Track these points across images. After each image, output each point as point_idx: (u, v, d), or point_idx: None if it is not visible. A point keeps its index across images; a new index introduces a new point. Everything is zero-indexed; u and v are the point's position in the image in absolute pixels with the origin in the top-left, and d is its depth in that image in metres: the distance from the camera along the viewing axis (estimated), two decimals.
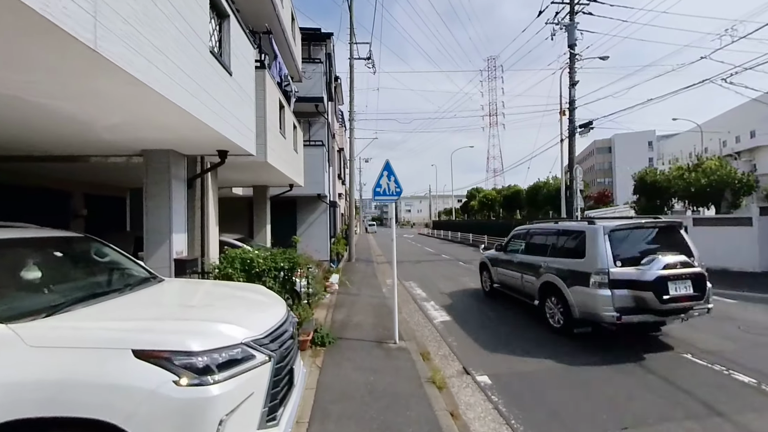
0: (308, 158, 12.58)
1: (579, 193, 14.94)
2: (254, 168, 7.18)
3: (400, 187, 6.08)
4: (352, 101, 17.89)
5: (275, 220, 13.44)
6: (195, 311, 2.67)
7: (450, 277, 12.96)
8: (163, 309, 2.67)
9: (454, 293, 10.05)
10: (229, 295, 3.36)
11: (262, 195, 10.22)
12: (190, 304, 2.88)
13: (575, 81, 16.80)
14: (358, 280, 12.25)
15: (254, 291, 3.66)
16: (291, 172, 8.97)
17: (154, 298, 2.95)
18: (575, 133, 16.97)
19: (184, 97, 3.42)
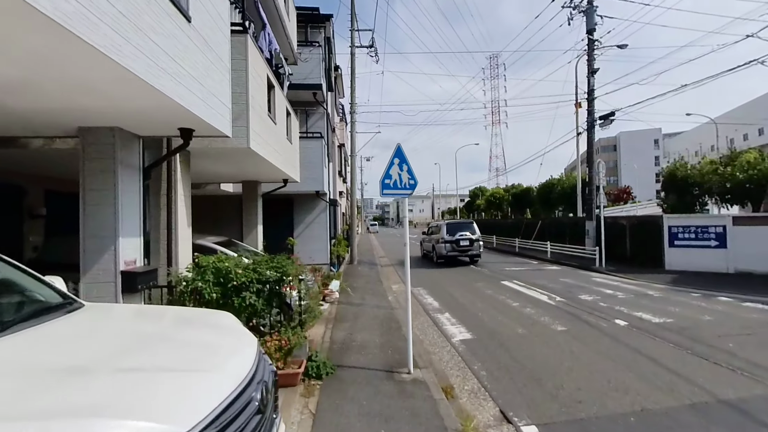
0: (305, 151, 11.37)
1: (602, 190, 13.68)
2: (237, 157, 5.99)
3: (414, 178, 4.86)
4: (354, 92, 16.68)
5: (269, 220, 12.24)
6: (77, 386, 1.47)
7: (462, 282, 11.74)
8: (19, 383, 1.47)
9: (471, 303, 8.83)
10: (164, 337, 2.16)
11: (252, 191, 9.04)
12: (82, 363, 1.68)
13: (595, 69, 15.56)
14: (361, 285, 11.04)
15: (209, 326, 2.45)
16: (284, 164, 7.77)
17: (26, 353, 1.75)
18: (594, 126, 15.71)
19: (106, 37, 2.23)
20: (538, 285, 10.78)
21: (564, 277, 12.31)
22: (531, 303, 8.63)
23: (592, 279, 11.75)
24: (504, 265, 15.49)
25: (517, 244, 21.01)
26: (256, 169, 7.25)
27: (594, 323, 6.89)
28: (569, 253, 16.41)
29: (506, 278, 12.12)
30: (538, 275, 12.74)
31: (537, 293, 9.67)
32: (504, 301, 8.88)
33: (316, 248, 12.65)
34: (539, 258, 17.39)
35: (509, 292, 9.91)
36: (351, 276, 12.80)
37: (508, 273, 13.33)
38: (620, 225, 14.63)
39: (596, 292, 9.59)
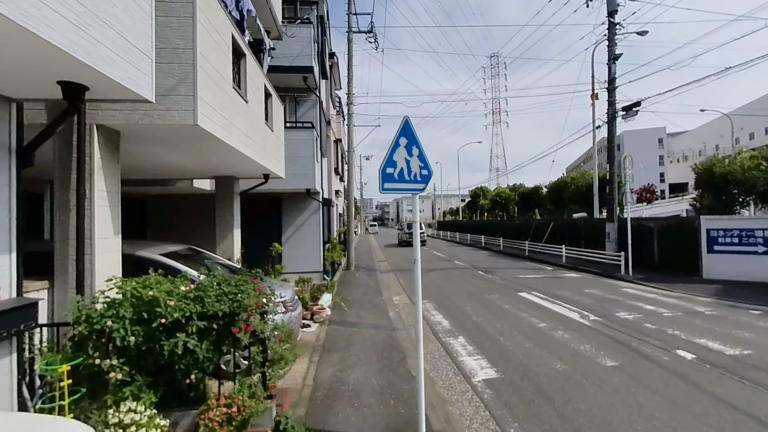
0: (293, 143, 9.92)
1: (628, 189, 12.21)
2: (188, 142, 4.53)
3: (428, 167, 3.42)
4: (351, 82, 15.23)
5: (252, 223, 10.79)
6: None
7: (473, 293, 10.28)
8: None
9: (487, 323, 7.37)
10: None
11: (226, 189, 7.58)
12: None
13: (617, 54, 14.09)
14: (357, 298, 9.58)
15: None
16: (261, 155, 6.32)
17: None
18: (615, 118, 14.26)
19: None
20: (562, 298, 9.32)
21: (588, 287, 10.85)
22: (561, 323, 7.17)
23: (621, 290, 10.28)
24: (516, 272, 14.02)
25: (527, 247, 19.55)
26: (223, 160, 5.78)
27: (651, 355, 5.43)
28: (587, 258, 14.95)
29: (523, 288, 10.66)
30: (558, 285, 11.27)
31: (564, 309, 8.21)
32: (527, 321, 7.42)
33: (307, 254, 11.19)
34: (553, 263, 15.93)
35: (531, 308, 8.45)
36: (347, 285, 11.34)
37: (523, 282, 11.86)
38: (647, 228, 13.17)
39: (634, 309, 8.14)
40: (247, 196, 10.50)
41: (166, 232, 10.54)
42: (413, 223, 3.84)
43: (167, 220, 10.66)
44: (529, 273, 13.76)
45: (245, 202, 10.58)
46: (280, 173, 7.89)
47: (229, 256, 7.55)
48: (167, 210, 10.61)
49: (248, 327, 3.15)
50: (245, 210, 10.62)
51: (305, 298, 7.75)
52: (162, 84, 3.68)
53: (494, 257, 19.65)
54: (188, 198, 10.46)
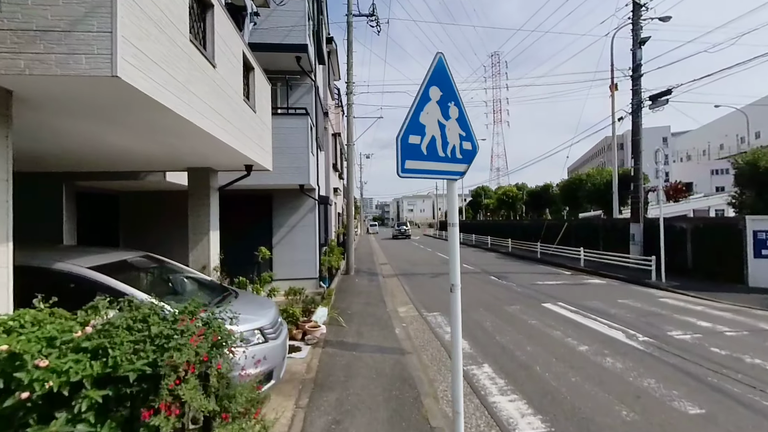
0: (285, 132, 8.67)
1: (660, 186, 10.94)
2: (123, 111, 3.27)
3: (472, 137, 2.14)
4: (351, 70, 13.97)
5: (238, 224, 9.55)
6: None
7: (490, 304, 9.02)
8: None
9: (515, 344, 6.10)
10: None
11: (200, 183, 6.32)
12: None
13: (643, 38, 12.83)
14: (357, 310, 8.32)
15: None
16: (239, 139, 5.07)
17: None
18: (640, 108, 12.99)
19: None
20: (594, 310, 8.06)
21: (619, 296, 9.59)
22: (605, 345, 5.92)
23: (659, 300, 9.02)
24: (533, 278, 12.75)
25: (539, 249, 18.29)
26: (186, 143, 4.52)
27: (741, 397, 4.17)
28: (608, 262, 13.69)
29: (546, 298, 9.39)
30: (584, 293, 10.02)
31: (602, 326, 6.96)
32: (563, 342, 6.15)
33: (301, 259, 9.94)
34: (570, 267, 14.66)
35: (562, 323, 7.20)
36: (346, 294, 10.08)
37: (543, 290, 10.60)
38: (678, 229, 11.92)
39: (687, 326, 6.88)
40: (231, 193, 9.24)
41: (140, 235, 9.28)
42: (451, 226, 2.59)
43: (142, 220, 9.40)
44: (546, 279, 12.49)
45: (228, 200, 9.32)
46: (266, 165, 6.63)
47: (204, 263, 6.30)
48: (142, 208, 9.34)
49: (170, 407, 1.87)
50: (229, 209, 9.37)
51: (296, 313, 6.49)
52: (61, 14, 2.42)
53: (504, 260, 18.39)
54: (166, 195, 9.20)
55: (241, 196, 9.62)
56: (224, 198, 9.52)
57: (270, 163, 6.91)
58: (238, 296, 4.66)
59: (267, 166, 6.71)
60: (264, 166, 6.56)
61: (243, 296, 4.71)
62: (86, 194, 8.25)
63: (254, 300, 4.78)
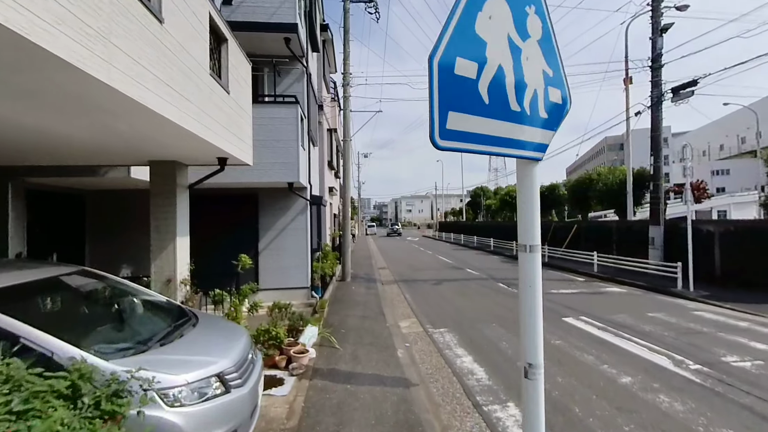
0: (271, 123, 7.63)
1: (688, 184, 9.94)
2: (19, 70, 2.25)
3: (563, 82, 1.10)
4: (347, 59, 12.94)
5: (219, 228, 8.53)
6: None
7: (503, 317, 8.00)
8: None
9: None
10: None
11: (164, 179, 5.27)
12: None
13: (665, 25, 11.85)
14: (353, 325, 7.28)
15: None
16: (204, 123, 4.04)
17: None
18: (661, 101, 12.01)
19: None
20: (624, 326, 7.06)
21: (646, 307, 8.58)
22: (653, 376, 4.90)
23: (694, 314, 8.02)
24: (545, 285, 11.51)
25: (547, 252, 17.30)
26: (121, 123, 3.46)
27: None
28: (625, 268, 12.69)
29: (565, 311, 8.38)
30: (606, 304, 9.02)
31: (641, 348, 5.94)
32: (598, 370, 5.14)
33: (291, 266, 8.89)
34: (583, 273, 13.66)
35: (591, 344, 6.18)
36: (340, 305, 9.04)
37: (558, 299, 9.59)
38: (704, 232, 10.94)
39: (740, 348, 5.88)
40: (209, 193, 8.20)
41: (109, 239, 8.23)
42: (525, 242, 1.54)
43: (112, 223, 8.33)
44: (560, 286, 11.48)
45: (205, 201, 8.29)
46: (244, 158, 5.58)
47: (170, 276, 5.25)
48: (111, 210, 8.28)
49: None
50: (207, 211, 8.33)
51: (280, 335, 5.44)
52: None
53: (510, 264, 17.37)
54: (138, 195, 8.13)
55: (221, 196, 8.57)
56: (200, 198, 8.45)
57: (250, 157, 5.87)
58: (197, 323, 3.62)
59: (246, 159, 5.67)
60: (242, 159, 5.51)
61: (204, 323, 3.66)
62: (43, 193, 7.18)
63: (218, 328, 3.72)
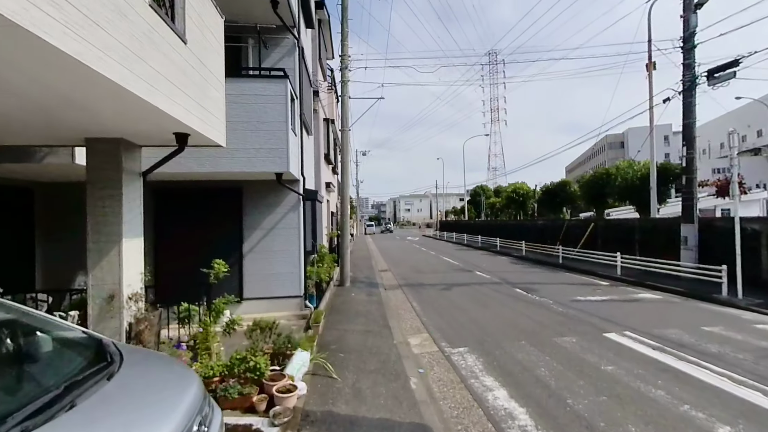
0: (254, 102, 6.37)
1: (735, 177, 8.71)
2: None
3: None
4: (345, 40, 11.67)
5: (195, 228, 7.29)
6: None
7: (532, 332, 6.75)
8: None
9: (605, 413, 3.82)
10: None
11: (106, 163, 4.01)
12: None
13: (698, 1, 10.63)
14: (354, 344, 6.01)
15: None
16: (145, 77, 2.76)
17: None
18: (695, 85, 10.81)
19: None
20: (687, 347, 5.82)
21: (698, 320, 7.36)
22: (757, 425, 3.67)
23: (757, 328, 6.79)
24: (567, 290, 10.53)
25: (560, 253, 16.08)
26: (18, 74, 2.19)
27: None
28: (653, 270, 11.48)
29: (604, 323, 7.15)
30: (647, 315, 7.80)
31: (721, 380, 4.70)
32: (683, 415, 3.89)
33: (281, 271, 7.62)
34: (604, 275, 12.45)
35: (655, 372, 4.94)
36: (339, 316, 7.78)
37: (590, 309, 8.36)
38: (749, 231, 9.73)
39: None
40: (182, 186, 6.96)
41: (62, 240, 6.94)
42: None
43: (66, 221, 7.02)
44: (584, 292, 10.25)
45: (179, 196, 7.06)
46: (213, 136, 4.31)
47: (113, 290, 3.99)
48: (65, 205, 6.97)
49: None
50: (180, 207, 7.08)
51: (260, 366, 4.18)
52: None
53: (522, 266, 16.15)
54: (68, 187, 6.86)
55: (198, 190, 7.31)
56: (171, 192, 7.20)
57: (222, 135, 4.59)
58: (121, 367, 2.34)
59: (216, 138, 4.39)
60: (211, 138, 4.24)
61: (130, 371, 2.37)
62: None
63: (150, 378, 2.43)
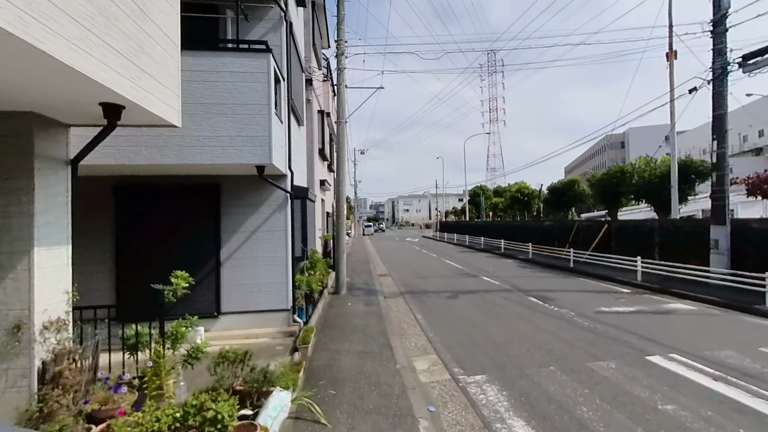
0: (230, 80, 5.34)
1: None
2: None
3: None
4: (342, 24, 10.64)
5: (163, 231, 6.25)
6: None
7: (560, 353, 5.71)
8: None
9: None
10: None
11: (14, 144, 2.99)
12: None
13: None
14: (350, 372, 4.95)
15: None
16: (39, 19, 1.72)
17: None
18: (726, 72, 9.82)
19: None
20: (750, 375, 4.80)
21: (752, 338, 6.34)
22: None
23: None
24: (587, 299, 9.52)
25: (572, 256, 15.07)
26: None
27: None
28: (677, 276, 10.48)
29: (644, 343, 6.13)
30: (691, 332, 6.79)
31: None
32: None
33: (265, 281, 6.58)
34: (624, 282, 11.43)
35: (729, 415, 3.91)
36: (332, 334, 6.73)
37: (622, 324, 7.33)
38: None
39: None
40: (146, 183, 5.95)
41: None
42: None
43: None
44: (607, 301, 9.23)
45: (143, 194, 6.04)
46: (161, 112, 3.25)
47: (17, 319, 2.93)
48: None
49: None
50: (145, 208, 6.06)
51: (222, 418, 3.12)
52: None
53: (531, 270, 15.12)
54: None
55: (168, 187, 6.25)
56: (136, 189, 6.17)
57: (175, 112, 3.54)
58: None
59: (164, 114, 3.33)
60: (155, 113, 3.18)
61: None
62: None
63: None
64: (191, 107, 5.23)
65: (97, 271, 6.14)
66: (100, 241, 6.14)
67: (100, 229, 6.13)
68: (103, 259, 6.15)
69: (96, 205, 6.12)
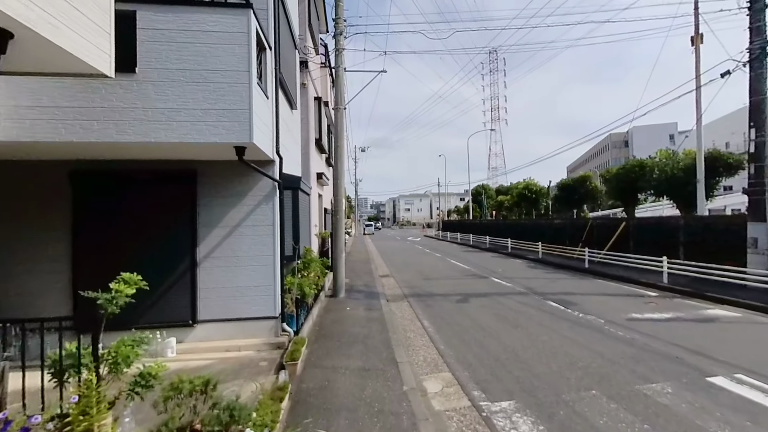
0: (201, 40, 4.42)
1: None
2: None
3: None
4: (341, 1, 9.68)
5: (130, 227, 5.33)
6: None
7: (601, 373, 4.75)
8: None
9: None
10: None
11: None
12: None
13: None
14: (347, 398, 3.98)
15: None
16: None
17: None
18: (766, 53, 8.87)
19: None
20: None
21: None
22: None
23: None
24: (612, 304, 8.57)
25: (587, 256, 14.10)
26: None
27: None
28: (705, 278, 9.53)
29: (698, 359, 5.18)
30: (746, 344, 5.83)
31: None
32: None
33: (248, 284, 5.64)
34: (649, 284, 10.46)
35: None
36: (327, 346, 5.78)
37: (664, 336, 6.38)
38: None
39: None
40: (112, 169, 5.05)
41: None
42: None
43: None
44: (637, 307, 8.27)
45: (111, 183, 5.16)
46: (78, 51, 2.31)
47: None
48: None
49: None
50: (111, 198, 5.17)
51: None
52: None
53: (543, 271, 14.16)
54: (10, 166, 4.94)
55: (136, 174, 5.33)
56: (97, 177, 5.24)
57: (105, 55, 2.57)
58: None
59: (82, 55, 2.38)
60: (67, 49, 2.24)
61: None
62: None
63: None
64: (154, 73, 4.30)
65: (50, 271, 5.21)
66: (54, 236, 5.21)
67: (53, 223, 5.21)
68: (57, 257, 5.22)
69: (48, 195, 5.19)
